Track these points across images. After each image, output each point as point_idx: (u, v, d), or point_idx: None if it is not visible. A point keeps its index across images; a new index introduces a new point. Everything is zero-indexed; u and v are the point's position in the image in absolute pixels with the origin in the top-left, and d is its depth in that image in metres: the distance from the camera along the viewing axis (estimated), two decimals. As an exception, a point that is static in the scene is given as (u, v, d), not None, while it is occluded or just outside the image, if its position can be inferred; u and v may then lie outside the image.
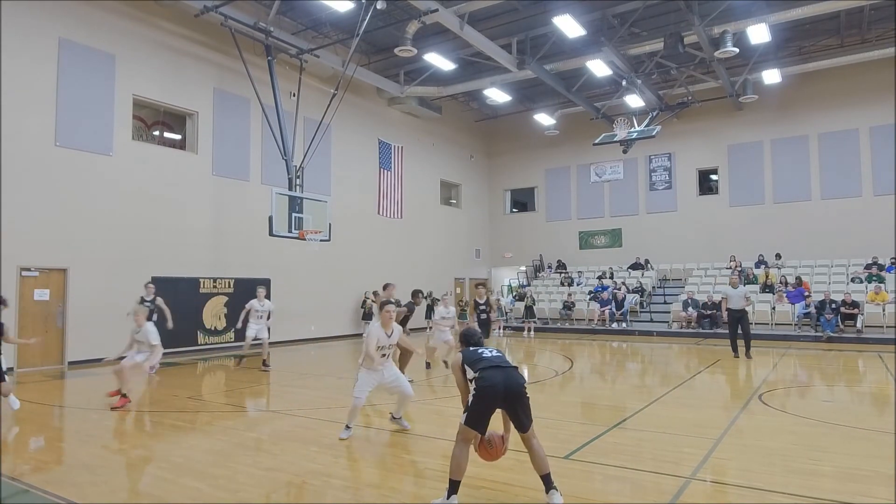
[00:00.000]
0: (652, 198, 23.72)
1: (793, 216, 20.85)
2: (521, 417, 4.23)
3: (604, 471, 5.08)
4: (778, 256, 20.46)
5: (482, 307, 11.94)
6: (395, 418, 6.65)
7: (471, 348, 4.62)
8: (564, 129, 23.88)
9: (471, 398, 4.24)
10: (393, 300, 7.97)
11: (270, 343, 11.76)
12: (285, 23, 16.22)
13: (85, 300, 12.74)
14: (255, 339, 11.57)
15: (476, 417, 4.17)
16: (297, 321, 17.19)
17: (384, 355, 6.31)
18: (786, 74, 18.83)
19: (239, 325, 11.73)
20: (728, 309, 12.58)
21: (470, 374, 4.33)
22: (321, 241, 15.17)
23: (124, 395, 7.89)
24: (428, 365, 11.06)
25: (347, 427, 6.23)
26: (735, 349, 12.85)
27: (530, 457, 4.26)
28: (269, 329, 11.83)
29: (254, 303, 11.70)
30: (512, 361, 5.33)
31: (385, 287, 9.67)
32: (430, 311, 21.36)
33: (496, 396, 4.17)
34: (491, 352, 4.49)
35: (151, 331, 8.14)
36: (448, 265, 24.31)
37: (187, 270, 14.79)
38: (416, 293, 10.53)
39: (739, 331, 12.54)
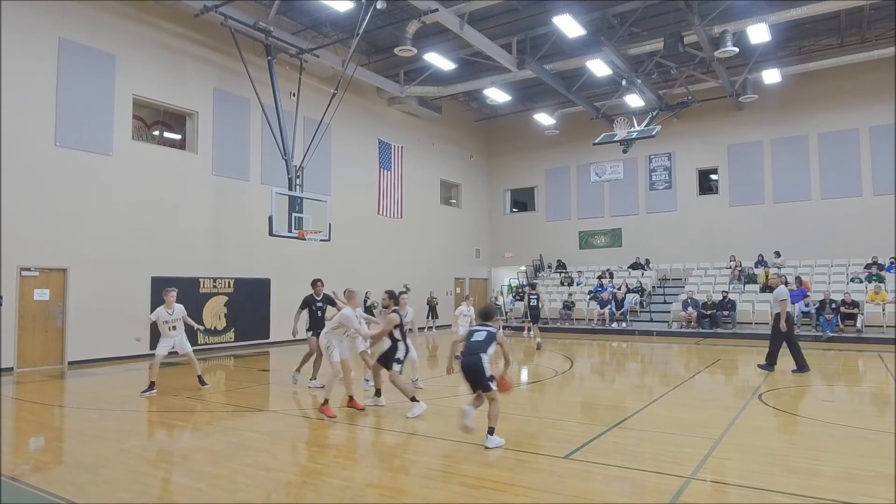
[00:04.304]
0: (652, 198, 23.71)
1: (793, 216, 20.83)
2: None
3: (604, 471, 5.08)
4: (777, 254, 20.43)
5: None
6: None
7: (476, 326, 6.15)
8: (564, 129, 23.87)
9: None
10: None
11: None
12: (285, 23, 16.22)
13: (85, 300, 12.74)
14: (182, 354, 9.29)
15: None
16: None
17: None
18: (786, 74, 18.82)
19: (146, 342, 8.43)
20: None
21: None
22: (321, 240, 15.18)
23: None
24: None
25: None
26: None
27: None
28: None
29: (161, 311, 9.13)
30: (511, 361, 5.41)
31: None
32: (432, 311, 21.43)
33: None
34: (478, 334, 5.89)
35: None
36: (448, 265, 24.30)
37: (187, 270, 14.79)
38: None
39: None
